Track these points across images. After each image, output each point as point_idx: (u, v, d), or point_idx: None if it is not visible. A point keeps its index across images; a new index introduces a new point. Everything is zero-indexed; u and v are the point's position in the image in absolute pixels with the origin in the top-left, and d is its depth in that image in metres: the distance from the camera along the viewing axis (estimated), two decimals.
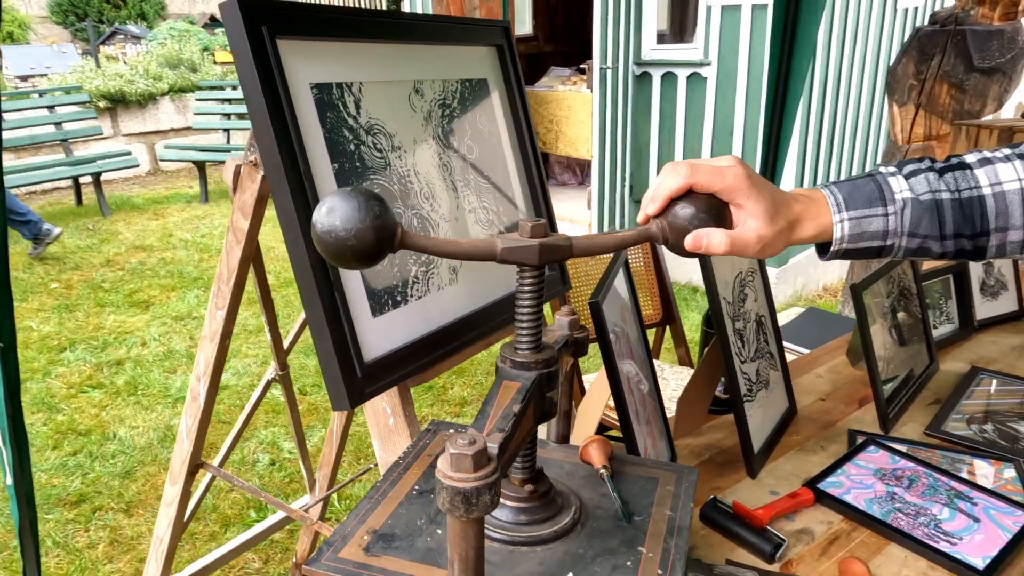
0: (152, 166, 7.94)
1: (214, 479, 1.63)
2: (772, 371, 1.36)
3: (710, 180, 0.70)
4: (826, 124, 4.57)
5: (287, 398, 1.70)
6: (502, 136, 1.42)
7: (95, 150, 6.74)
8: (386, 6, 12.76)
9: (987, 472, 1.21)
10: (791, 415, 1.39)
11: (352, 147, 1.08)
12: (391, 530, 0.77)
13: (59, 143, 6.20)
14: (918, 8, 5.15)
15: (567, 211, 5.45)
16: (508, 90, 1.44)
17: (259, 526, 2.13)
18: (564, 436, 0.97)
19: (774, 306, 1.44)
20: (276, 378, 1.60)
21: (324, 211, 0.67)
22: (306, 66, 1.02)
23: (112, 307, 4.31)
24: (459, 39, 1.33)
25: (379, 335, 1.07)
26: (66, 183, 6.54)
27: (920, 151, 3.10)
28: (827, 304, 4.54)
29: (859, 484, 1.15)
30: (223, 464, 1.57)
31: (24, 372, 3.47)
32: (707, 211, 0.70)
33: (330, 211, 0.67)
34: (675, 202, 0.72)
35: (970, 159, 0.77)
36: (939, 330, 1.70)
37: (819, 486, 1.14)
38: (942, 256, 0.77)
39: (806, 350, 2.42)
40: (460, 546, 0.61)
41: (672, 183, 0.71)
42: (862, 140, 5.04)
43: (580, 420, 1.14)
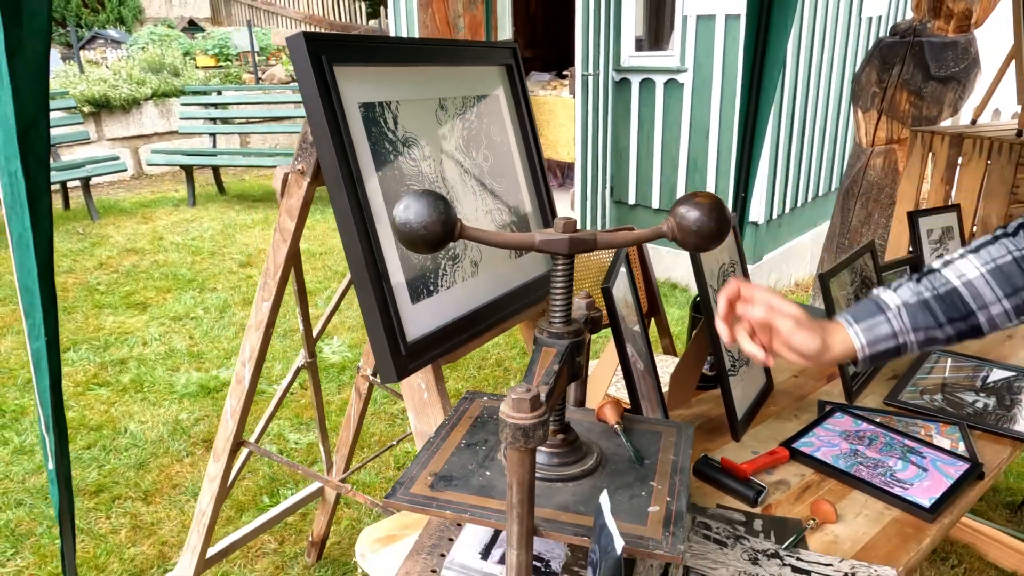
0: (136, 170, 7.99)
1: (250, 455, 1.78)
2: None
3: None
4: (796, 128, 4.80)
5: (313, 383, 1.86)
6: (512, 145, 1.59)
7: (81, 155, 6.80)
8: (366, 10, 12.87)
9: (936, 433, 1.41)
10: (769, 389, 1.59)
11: (392, 157, 1.25)
12: (448, 472, 0.95)
13: None
14: (882, 16, 5.42)
15: None
16: (516, 103, 1.62)
17: (274, 510, 2.27)
18: (581, 401, 1.15)
19: None
20: (305, 365, 1.76)
21: (402, 208, 0.84)
22: (355, 88, 1.19)
23: (110, 309, 4.41)
24: (475, 60, 1.51)
25: (417, 320, 1.24)
26: (54, 188, 6.59)
27: (883, 154, 3.33)
28: (799, 297, 4.77)
29: (827, 443, 1.34)
30: (258, 441, 1.72)
31: (31, 372, 3.57)
32: (709, 213, 0.88)
33: (407, 208, 0.84)
34: (681, 204, 0.90)
35: (936, 264, 0.99)
36: None
37: (793, 445, 1.33)
38: (948, 341, 0.98)
39: None
40: (518, 472, 0.78)
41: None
42: (830, 143, 5.29)
43: (591, 388, 1.33)
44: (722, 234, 0.89)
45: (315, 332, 1.81)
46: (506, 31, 7.34)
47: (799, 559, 1.05)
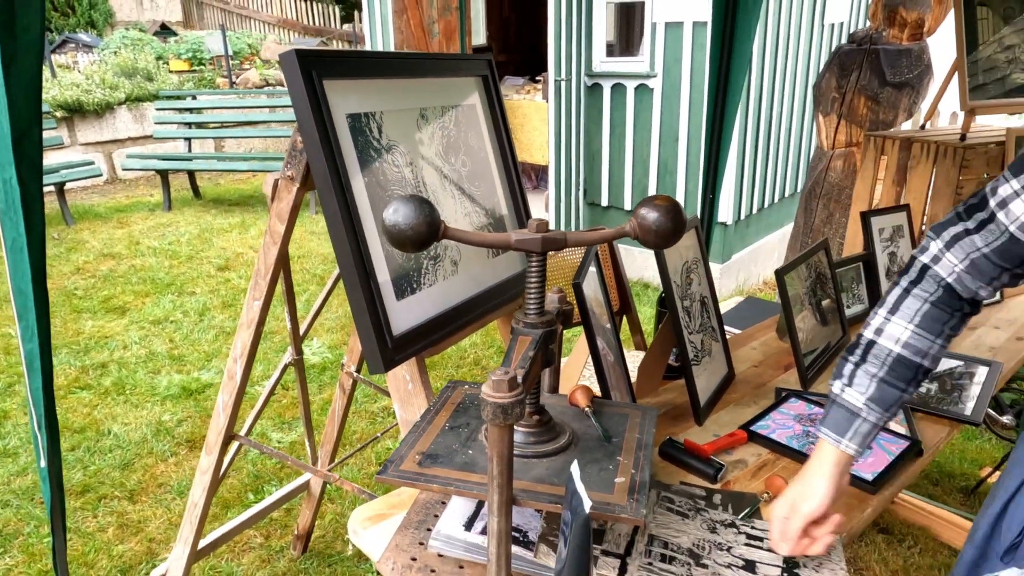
0: (111, 175, 7.97)
1: (239, 450, 1.86)
2: (714, 343, 1.66)
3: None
4: (762, 131, 4.96)
5: (299, 379, 1.94)
6: (488, 151, 1.69)
7: (55, 160, 6.78)
8: (340, 14, 12.89)
9: None
10: (730, 378, 1.70)
11: (377, 164, 1.34)
12: (434, 451, 1.04)
13: None
14: (843, 23, 5.60)
15: None
16: (492, 111, 1.71)
17: (259, 505, 2.34)
18: (555, 387, 1.25)
19: (715, 290, 1.74)
20: (292, 362, 1.84)
21: (391, 211, 0.94)
22: (343, 100, 1.28)
23: (88, 313, 4.44)
24: (453, 72, 1.60)
25: (402, 315, 1.33)
26: None
27: (843, 156, 3.48)
28: (766, 295, 4.93)
29: (782, 426, 1.46)
30: (248, 434, 1.80)
31: (11, 376, 3.60)
32: (666, 213, 0.98)
33: (395, 211, 0.94)
34: (642, 206, 1.00)
35: (869, 335, 1.06)
36: (852, 309, 2.03)
37: (751, 428, 1.44)
38: (914, 393, 1.06)
39: (741, 331, 2.75)
40: (498, 446, 0.88)
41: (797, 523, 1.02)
42: (795, 146, 5.46)
43: (565, 377, 1.42)
44: (678, 232, 1.00)
45: (300, 329, 1.89)
46: (480, 36, 7.45)
47: (753, 528, 1.15)
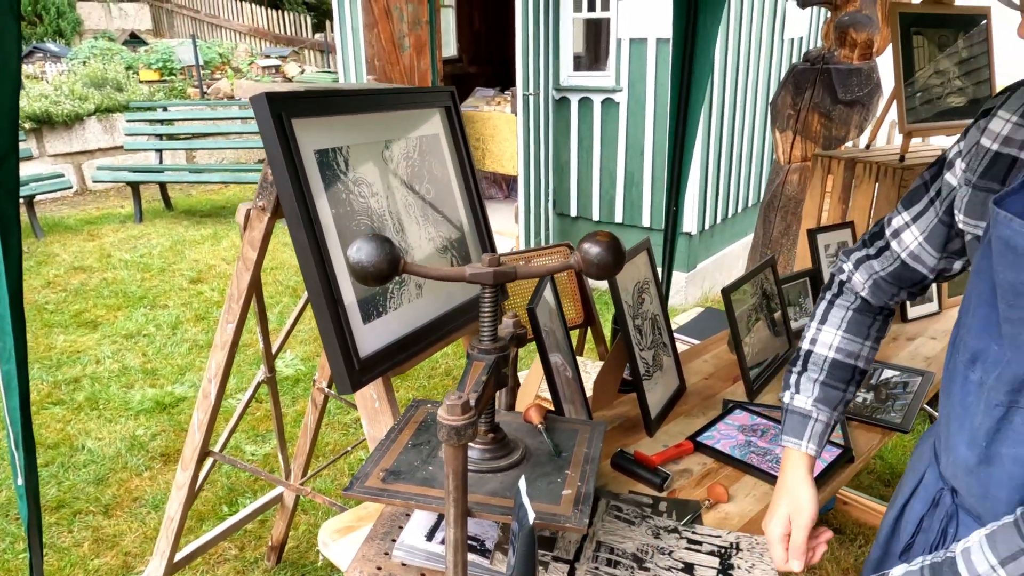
0: (80, 186, 7.93)
1: (214, 465, 1.92)
2: (666, 357, 1.76)
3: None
4: (725, 143, 5.10)
5: (272, 396, 2.01)
6: (451, 178, 1.78)
7: (24, 172, 6.73)
8: (311, 23, 12.90)
9: None
10: (681, 391, 1.80)
11: (344, 196, 1.42)
12: (397, 468, 1.12)
13: None
14: (802, 38, 5.78)
15: (496, 224, 5.81)
16: (454, 140, 1.80)
17: (233, 518, 2.40)
18: (511, 405, 1.34)
19: (667, 308, 1.85)
20: (265, 379, 1.92)
21: (354, 250, 1.02)
22: (311, 137, 1.36)
23: (60, 327, 4.45)
24: (417, 104, 1.69)
25: (369, 338, 1.41)
26: None
27: (799, 171, 3.62)
28: None
29: (726, 436, 1.56)
30: (221, 452, 1.87)
31: None
32: (607, 250, 1.08)
33: (358, 250, 1.02)
34: (585, 241, 1.09)
35: (806, 346, 1.18)
36: (798, 322, 2.15)
37: (697, 439, 1.55)
38: (855, 394, 1.17)
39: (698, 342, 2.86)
40: (453, 464, 0.96)
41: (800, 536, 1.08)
42: (757, 158, 5.62)
43: (521, 397, 1.52)
44: (618, 265, 1.09)
45: (273, 347, 1.96)
46: (451, 49, 7.54)
47: (694, 533, 1.25)
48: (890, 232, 1.09)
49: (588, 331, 2.89)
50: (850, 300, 1.16)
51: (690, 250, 4.96)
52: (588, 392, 1.72)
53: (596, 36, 5.09)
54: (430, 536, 1.16)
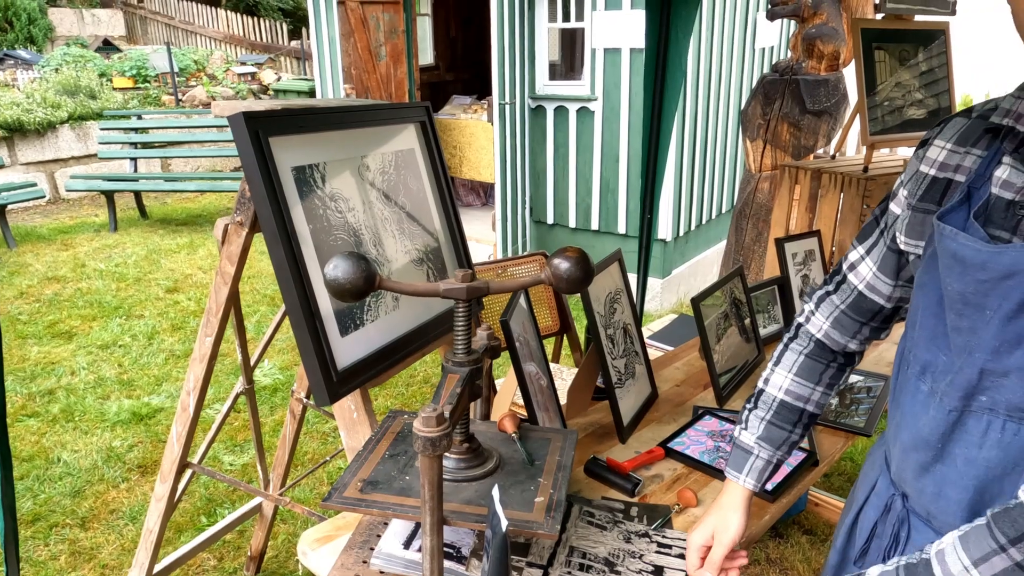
0: (53, 195, 7.85)
1: (192, 476, 1.94)
2: (638, 365, 1.81)
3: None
4: (699, 151, 5.18)
5: (251, 408, 2.02)
6: (427, 191, 1.81)
7: None
8: (288, 29, 12.86)
9: None
10: (653, 398, 1.85)
11: (321, 211, 1.45)
12: (375, 478, 1.16)
13: None
14: (773, 47, 5.88)
15: (473, 231, 5.86)
16: (429, 154, 1.84)
17: (212, 528, 2.41)
18: (486, 415, 1.38)
19: (639, 316, 1.89)
20: (243, 391, 1.93)
21: (331, 267, 1.06)
22: (288, 154, 1.39)
23: (34, 339, 4.41)
24: (393, 119, 1.72)
25: (346, 350, 1.44)
26: None
27: (769, 179, 3.69)
28: None
29: (696, 442, 1.61)
30: (200, 463, 1.88)
31: None
32: (576, 265, 1.12)
33: (335, 267, 1.05)
34: (555, 257, 1.13)
35: (760, 384, 1.22)
36: (767, 329, 2.21)
37: (668, 445, 1.59)
38: (803, 436, 1.20)
39: (673, 348, 2.91)
40: (429, 474, 1.00)
41: (719, 552, 1.14)
42: (731, 165, 5.71)
43: (496, 406, 1.55)
44: (587, 279, 1.13)
45: (251, 359, 1.98)
46: (427, 57, 7.57)
47: (664, 537, 1.30)
48: (847, 266, 1.14)
49: (564, 338, 2.93)
50: (804, 344, 1.19)
51: (665, 256, 5.03)
52: (563, 400, 1.77)
53: (571, 45, 5.16)
54: (407, 544, 1.19)
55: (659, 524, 1.33)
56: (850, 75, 3.66)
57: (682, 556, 1.24)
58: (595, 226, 5.26)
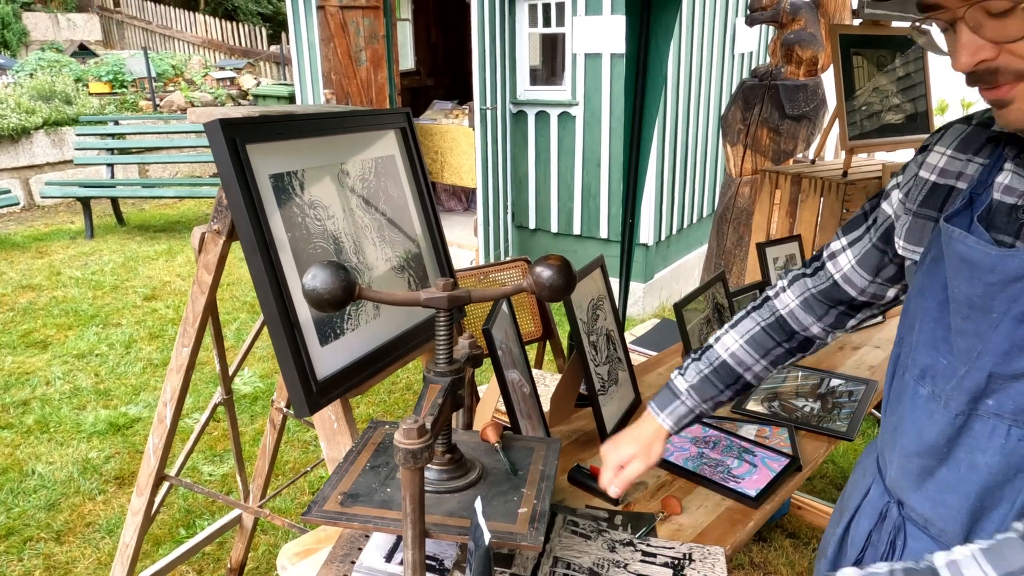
0: (28, 202, 7.73)
1: (170, 488, 1.90)
2: (621, 372, 1.80)
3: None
4: (679, 155, 5.21)
5: (230, 418, 1.99)
6: (407, 198, 1.80)
7: None
8: (267, 34, 12.79)
9: (769, 434, 1.69)
10: (637, 404, 1.84)
11: (299, 219, 1.43)
12: (356, 491, 1.14)
13: None
14: (752, 52, 5.93)
15: (455, 237, 5.84)
16: (410, 160, 1.82)
17: (191, 541, 2.38)
18: (468, 424, 1.36)
19: (622, 323, 1.89)
20: (222, 401, 1.90)
21: (310, 277, 1.04)
22: (265, 162, 1.37)
23: (7, 348, 4.33)
24: (372, 126, 1.71)
25: (326, 360, 1.42)
26: None
27: (750, 183, 3.71)
28: None
29: (680, 448, 1.60)
30: (177, 475, 1.85)
31: None
32: (558, 273, 1.11)
33: (314, 277, 1.03)
34: (537, 264, 1.12)
35: (710, 340, 1.28)
36: None
37: None
38: (731, 400, 1.28)
39: (655, 353, 2.91)
40: (410, 486, 0.98)
41: (634, 470, 1.25)
42: (711, 169, 5.74)
43: (478, 414, 1.54)
44: (569, 287, 1.12)
45: (229, 368, 1.95)
46: (408, 62, 7.55)
47: (648, 545, 1.29)
48: (827, 254, 1.17)
49: (547, 344, 2.92)
50: (764, 316, 1.24)
51: (647, 261, 5.04)
52: (546, 407, 1.75)
53: (552, 51, 5.16)
54: (389, 557, 1.17)
55: (644, 532, 1.32)
56: (828, 80, 3.68)
57: (667, 565, 1.23)
58: (577, 231, 5.26)
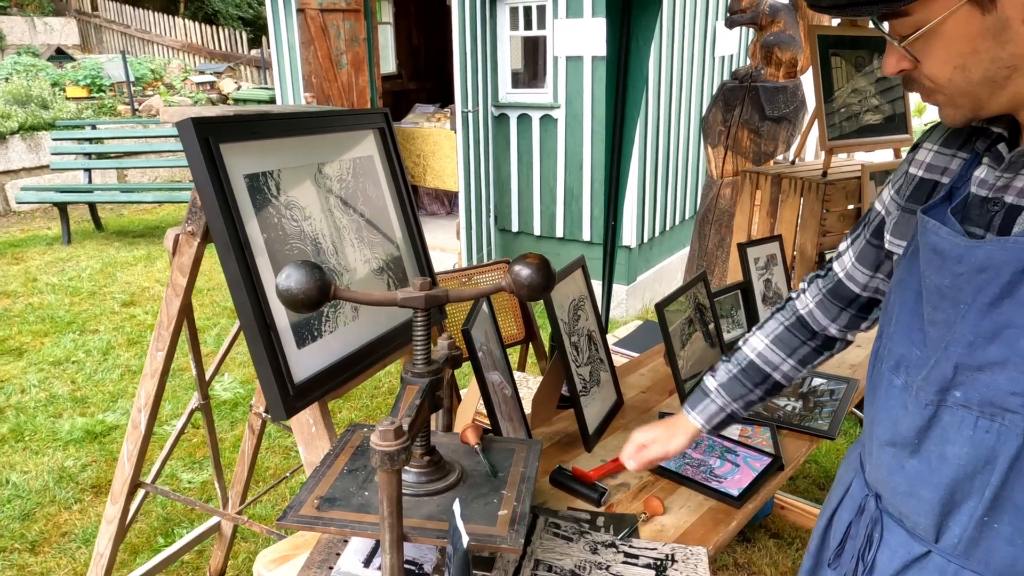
0: (3, 207, 7.62)
1: (146, 496, 1.86)
2: (603, 372, 1.79)
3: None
4: (661, 158, 5.22)
5: (207, 423, 1.96)
6: (386, 199, 1.78)
7: None
8: (247, 38, 12.70)
9: (751, 433, 1.69)
10: (619, 405, 1.83)
11: (276, 220, 1.41)
12: (332, 495, 1.12)
13: None
14: (733, 55, 5.96)
15: (438, 240, 5.81)
16: (388, 161, 1.80)
17: (169, 549, 2.33)
18: (448, 426, 1.34)
19: (603, 324, 1.88)
20: (199, 407, 1.87)
21: (283, 277, 1.02)
22: (240, 162, 1.35)
23: None
24: (350, 126, 1.69)
25: (303, 363, 1.40)
26: None
27: (731, 185, 3.72)
28: None
29: None
30: (154, 482, 1.81)
31: None
32: (537, 271, 1.10)
33: (287, 277, 1.02)
34: (516, 263, 1.11)
35: (739, 343, 1.32)
36: (731, 333, 2.21)
37: None
38: (762, 399, 1.31)
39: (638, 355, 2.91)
40: (387, 489, 0.96)
41: (653, 452, 1.31)
42: (693, 171, 5.76)
43: (459, 416, 1.52)
44: (548, 286, 1.11)
45: (207, 373, 1.92)
46: (390, 65, 7.52)
47: (631, 547, 1.27)
48: (835, 255, 1.23)
49: (530, 347, 2.91)
50: (787, 316, 1.28)
51: (630, 263, 5.04)
52: (528, 408, 1.74)
53: (533, 54, 5.16)
54: (367, 562, 1.15)
55: (626, 534, 1.31)
56: (808, 82, 3.71)
57: (649, 566, 1.22)
58: (560, 233, 5.26)
